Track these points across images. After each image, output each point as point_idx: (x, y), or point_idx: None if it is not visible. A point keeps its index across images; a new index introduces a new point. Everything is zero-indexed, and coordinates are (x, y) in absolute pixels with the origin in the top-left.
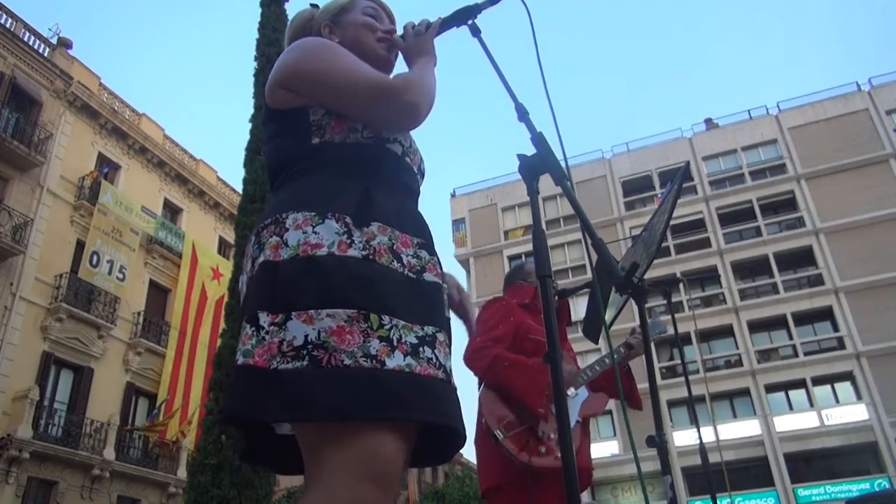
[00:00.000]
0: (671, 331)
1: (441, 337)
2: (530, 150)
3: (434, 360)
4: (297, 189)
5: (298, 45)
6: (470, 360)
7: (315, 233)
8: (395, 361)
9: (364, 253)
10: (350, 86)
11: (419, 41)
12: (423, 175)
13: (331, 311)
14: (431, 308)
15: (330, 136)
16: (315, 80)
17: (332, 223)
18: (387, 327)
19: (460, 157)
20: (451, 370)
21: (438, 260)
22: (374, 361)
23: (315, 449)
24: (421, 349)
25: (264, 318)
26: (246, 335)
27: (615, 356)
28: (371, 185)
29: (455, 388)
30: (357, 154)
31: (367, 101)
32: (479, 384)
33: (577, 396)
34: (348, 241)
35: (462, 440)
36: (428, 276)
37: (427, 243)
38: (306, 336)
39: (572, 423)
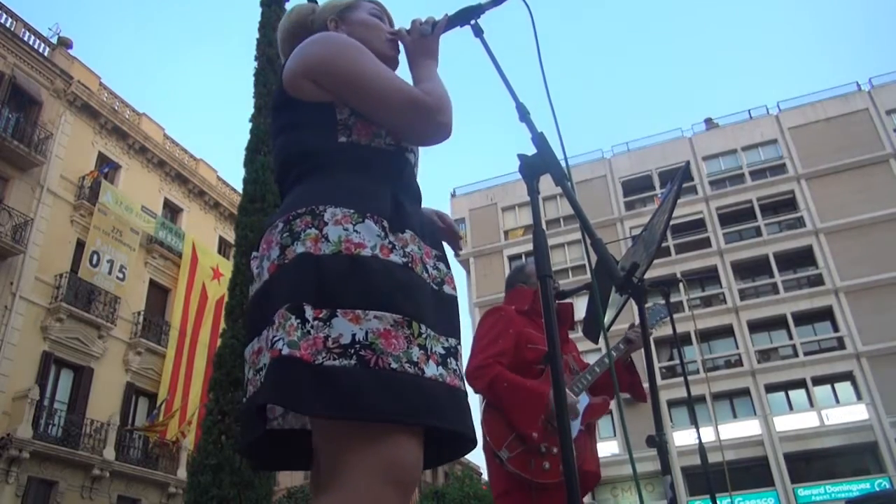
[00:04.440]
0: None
1: (460, 349)
2: (531, 150)
3: (458, 372)
4: (332, 184)
5: (327, 39)
6: (470, 378)
7: (356, 231)
8: (431, 370)
9: (404, 260)
10: (385, 96)
11: (425, 42)
12: None
13: (378, 314)
14: (451, 320)
15: (357, 138)
16: (347, 81)
17: (372, 225)
18: (423, 336)
19: (461, 157)
20: (466, 382)
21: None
22: (416, 368)
23: (340, 448)
24: (448, 360)
25: (309, 312)
26: (291, 326)
27: (614, 353)
28: (397, 191)
29: (468, 396)
30: (382, 159)
31: (401, 115)
32: (482, 401)
33: (578, 404)
34: (389, 245)
35: (473, 447)
36: (447, 289)
37: (443, 255)
38: (353, 335)
39: (575, 432)
